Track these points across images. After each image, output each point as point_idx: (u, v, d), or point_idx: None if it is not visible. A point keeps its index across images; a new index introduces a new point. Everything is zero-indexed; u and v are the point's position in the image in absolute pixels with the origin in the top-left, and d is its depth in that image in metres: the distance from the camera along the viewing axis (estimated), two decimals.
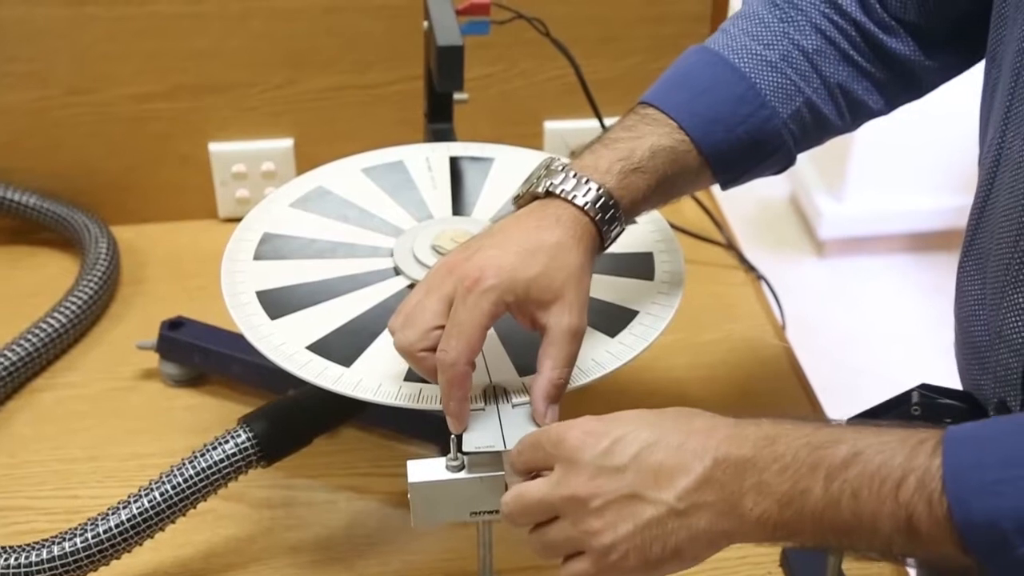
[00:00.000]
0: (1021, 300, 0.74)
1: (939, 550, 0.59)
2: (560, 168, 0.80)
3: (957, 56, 0.89)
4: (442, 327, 0.73)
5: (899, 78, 0.89)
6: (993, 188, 0.78)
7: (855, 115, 0.90)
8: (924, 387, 0.79)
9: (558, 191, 0.78)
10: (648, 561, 0.65)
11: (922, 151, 2.65)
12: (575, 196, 0.78)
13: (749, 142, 0.85)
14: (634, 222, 0.93)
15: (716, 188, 1.11)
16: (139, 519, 0.80)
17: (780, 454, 0.63)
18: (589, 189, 0.78)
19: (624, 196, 0.80)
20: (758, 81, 0.85)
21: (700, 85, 0.85)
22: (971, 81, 0.88)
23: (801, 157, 0.92)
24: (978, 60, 0.87)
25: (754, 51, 0.86)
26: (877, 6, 0.87)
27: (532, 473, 0.69)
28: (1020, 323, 0.74)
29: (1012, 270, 0.75)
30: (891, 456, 0.60)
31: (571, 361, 0.75)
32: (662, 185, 0.82)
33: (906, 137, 2.56)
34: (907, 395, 0.79)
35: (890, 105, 0.91)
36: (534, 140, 1.36)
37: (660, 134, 0.83)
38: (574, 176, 0.79)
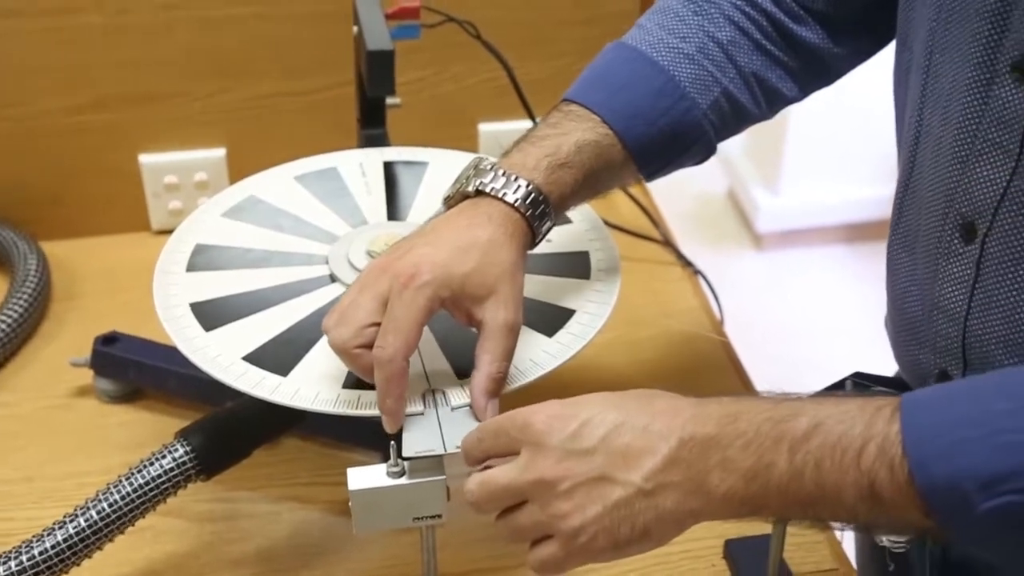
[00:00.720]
0: (955, 270, 0.76)
1: (902, 515, 0.60)
2: (489, 167, 0.81)
3: (864, 42, 0.92)
4: (377, 324, 0.73)
5: (810, 65, 0.91)
6: (915, 165, 0.81)
7: (771, 103, 0.92)
8: (857, 375, 0.80)
9: (488, 189, 0.79)
10: (617, 542, 0.65)
11: (855, 142, 2.69)
12: (505, 193, 0.79)
13: (671, 134, 0.87)
14: (568, 220, 0.94)
15: (652, 185, 1.12)
16: (76, 539, 0.79)
17: (743, 430, 0.64)
18: (519, 186, 0.79)
19: (553, 191, 0.81)
20: (676, 73, 0.87)
21: (620, 80, 0.86)
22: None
23: (737, 152, 0.94)
24: (884, 46, 0.91)
25: (671, 44, 0.88)
26: None
27: (486, 462, 0.69)
28: (955, 292, 0.76)
29: (944, 242, 0.77)
30: (851, 425, 0.61)
31: (508, 355, 0.76)
32: (589, 179, 0.84)
33: (839, 129, 2.60)
34: (841, 384, 0.80)
35: (803, 92, 0.93)
36: (469, 142, 1.36)
37: (584, 129, 0.84)
38: (503, 174, 0.80)
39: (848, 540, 0.95)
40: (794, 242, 2.87)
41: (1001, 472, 0.56)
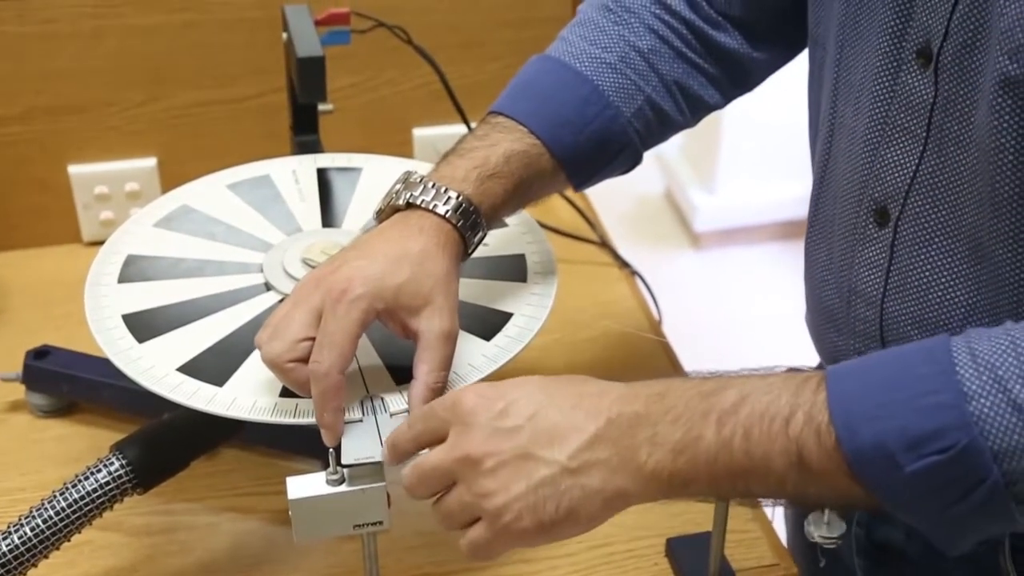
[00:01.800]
0: (871, 254, 0.79)
1: (831, 483, 0.61)
2: (418, 180, 0.81)
3: (781, 46, 0.94)
4: (311, 339, 0.73)
5: (729, 71, 0.93)
6: (830, 157, 0.83)
7: (693, 110, 0.94)
8: (790, 370, 0.81)
9: (419, 202, 0.80)
10: (542, 523, 0.65)
11: (789, 141, 2.72)
12: (435, 205, 0.79)
13: (598, 142, 0.88)
14: (505, 225, 0.94)
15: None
16: (9, 557, 0.77)
17: (672, 405, 0.64)
18: (449, 198, 0.80)
19: (483, 202, 0.81)
20: (600, 83, 0.88)
21: (546, 91, 0.88)
22: None
23: (673, 152, 0.96)
24: (799, 51, 0.94)
25: (593, 55, 0.89)
26: (704, 3, 0.91)
27: (422, 450, 0.69)
28: (872, 276, 0.79)
29: (859, 228, 0.80)
30: (778, 395, 0.62)
31: (446, 364, 0.76)
32: (519, 189, 0.84)
33: (773, 128, 2.63)
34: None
35: (725, 98, 0.95)
36: (404, 148, 1.35)
37: (512, 140, 0.85)
38: (433, 187, 0.80)
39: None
40: (731, 241, 2.90)
41: (925, 432, 0.57)
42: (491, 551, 0.67)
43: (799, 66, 0.96)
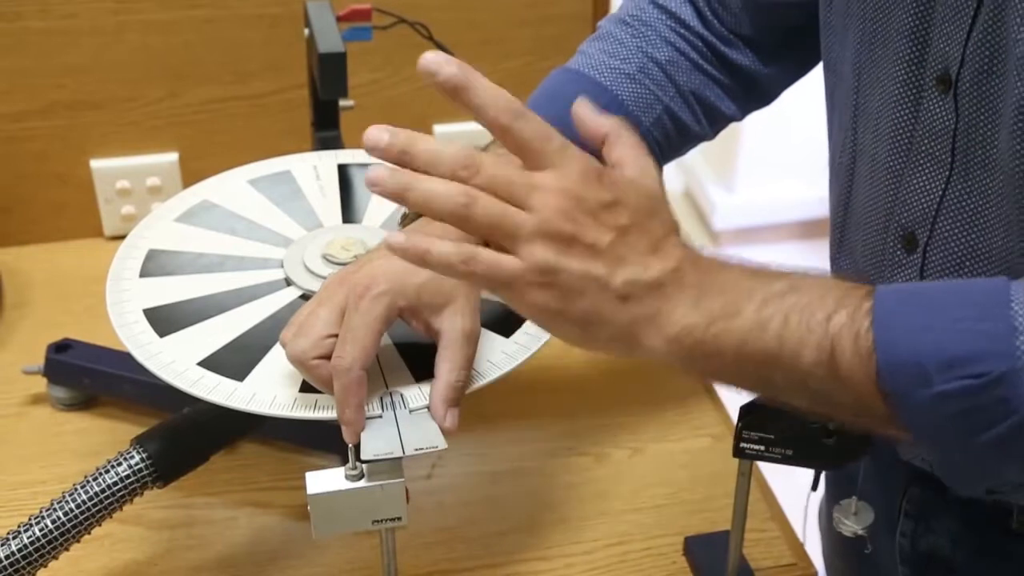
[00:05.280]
0: (900, 279, 0.78)
1: (854, 390, 0.60)
2: None
3: (791, 64, 0.95)
4: (334, 336, 0.73)
5: (744, 86, 0.95)
6: (854, 184, 0.83)
7: (711, 121, 0.95)
8: None
9: None
10: (564, 311, 0.62)
11: (808, 140, 2.71)
12: None
13: None
14: None
15: None
16: (31, 548, 0.78)
17: (721, 281, 0.64)
18: None
19: None
20: (619, 93, 0.89)
21: (565, 100, 0.88)
22: None
23: (693, 151, 0.96)
24: (811, 67, 0.95)
25: (612, 66, 0.90)
26: (715, 21, 0.93)
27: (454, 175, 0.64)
28: None
29: (887, 253, 0.79)
30: (825, 293, 0.61)
31: (468, 363, 0.76)
32: None
33: (793, 127, 2.62)
34: None
35: (742, 111, 0.96)
36: None
37: None
38: None
39: (813, 543, 0.96)
40: (750, 239, 2.90)
41: (964, 354, 0.57)
42: (548, 303, 0.63)
43: (819, 66, 0.96)
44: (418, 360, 0.80)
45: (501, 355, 0.81)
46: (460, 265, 0.62)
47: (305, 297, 0.86)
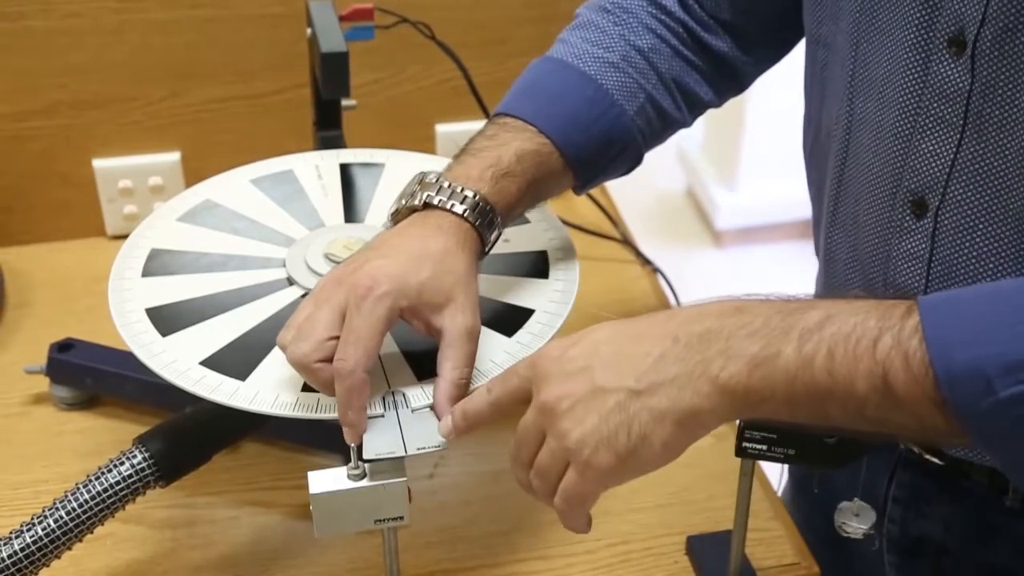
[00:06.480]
0: (909, 246, 0.78)
1: (913, 410, 0.59)
2: (434, 180, 0.82)
3: (770, 49, 0.96)
4: (335, 338, 0.73)
5: (721, 71, 0.95)
6: (848, 154, 0.83)
7: (690, 107, 0.95)
8: None
9: (435, 202, 0.80)
10: (619, 454, 0.64)
11: None
12: (453, 205, 0.80)
13: (603, 140, 0.89)
14: (526, 220, 0.95)
15: (611, 184, 1.12)
16: (33, 548, 0.78)
17: (748, 321, 0.63)
18: (465, 197, 0.80)
19: (499, 201, 0.82)
20: (604, 82, 0.89)
21: (551, 91, 0.89)
22: None
23: (695, 150, 0.97)
24: (786, 53, 0.96)
25: (595, 55, 0.91)
26: (695, 5, 0.93)
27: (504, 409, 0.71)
28: (911, 268, 0.79)
29: (894, 222, 0.79)
30: (865, 317, 0.61)
31: (470, 361, 0.76)
32: (531, 188, 0.85)
33: (795, 125, 2.62)
34: None
35: (719, 97, 0.97)
36: (427, 144, 1.35)
37: (523, 139, 0.85)
38: (449, 186, 0.81)
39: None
40: (753, 239, 2.89)
41: (1021, 359, 0.56)
42: (582, 497, 0.66)
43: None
44: (419, 358, 0.80)
45: (503, 354, 0.81)
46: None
47: (307, 297, 0.86)
